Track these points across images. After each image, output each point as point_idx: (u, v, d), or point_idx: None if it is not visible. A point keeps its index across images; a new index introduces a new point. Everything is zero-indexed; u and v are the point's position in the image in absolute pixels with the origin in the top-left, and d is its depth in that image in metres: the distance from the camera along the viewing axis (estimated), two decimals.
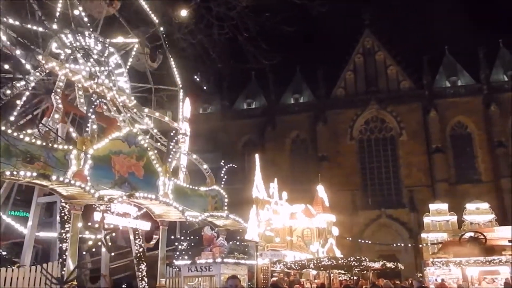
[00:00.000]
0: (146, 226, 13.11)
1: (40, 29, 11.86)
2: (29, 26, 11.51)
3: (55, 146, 10.06)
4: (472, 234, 23.00)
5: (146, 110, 14.41)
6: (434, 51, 46.46)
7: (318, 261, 18.33)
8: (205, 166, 15.37)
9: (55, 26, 12.23)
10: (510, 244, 21.57)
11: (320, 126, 44.89)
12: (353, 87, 47.20)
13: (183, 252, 13.57)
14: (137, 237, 12.99)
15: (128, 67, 14.71)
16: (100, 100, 11.92)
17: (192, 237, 14.30)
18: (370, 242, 38.65)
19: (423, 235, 32.00)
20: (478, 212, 29.68)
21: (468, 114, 43.08)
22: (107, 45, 13.60)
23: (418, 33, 53.50)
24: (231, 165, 17.10)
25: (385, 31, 47.90)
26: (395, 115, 44.38)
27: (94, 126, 11.15)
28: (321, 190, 27.27)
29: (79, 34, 12.91)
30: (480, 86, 43.35)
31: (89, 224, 10.71)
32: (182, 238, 14.17)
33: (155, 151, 12.89)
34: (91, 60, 12.62)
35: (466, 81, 45.18)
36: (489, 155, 41.27)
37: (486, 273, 21.57)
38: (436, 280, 20.87)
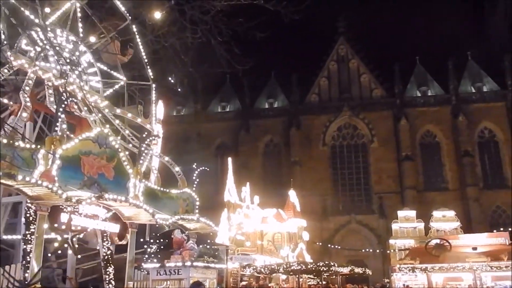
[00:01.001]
0: (115, 228, 12.90)
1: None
2: None
3: (22, 145, 9.80)
4: (438, 241, 23.58)
5: (118, 111, 14.19)
6: (406, 61, 47.53)
7: (288, 265, 18.44)
8: (177, 169, 15.22)
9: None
10: (474, 251, 22.22)
11: (293, 131, 45.25)
12: (327, 94, 47.81)
13: (152, 255, 13.39)
14: (105, 239, 12.75)
15: (99, 64, 14.42)
16: (70, 99, 11.70)
17: (161, 240, 14.13)
18: (339, 247, 39.16)
19: (391, 241, 32.57)
20: (444, 220, 30.40)
21: (437, 123, 44.23)
22: (79, 43, 13.35)
23: (391, 42, 54.51)
24: (203, 168, 16.98)
25: (359, 39, 48.78)
26: (367, 122, 45.16)
27: (64, 126, 10.92)
28: (292, 195, 27.48)
29: (50, 31, 12.64)
30: (449, 97, 44.59)
31: (56, 225, 10.43)
32: (152, 241, 13.98)
33: (127, 153, 12.71)
34: (62, 58, 12.36)
35: (436, 91, 46.40)
36: (456, 164, 42.43)
37: (450, 280, 22.17)
38: (403, 285, 21.29)
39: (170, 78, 19.94)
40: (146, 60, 15.01)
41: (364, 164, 44.50)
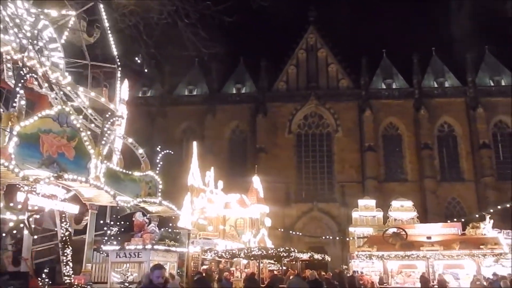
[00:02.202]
0: (74, 209, 12.64)
1: None
2: None
3: None
4: (395, 230, 24.28)
5: (81, 89, 13.77)
6: (372, 54, 48.33)
7: (249, 250, 18.62)
8: (140, 151, 15.01)
9: None
10: (428, 240, 23.07)
11: (260, 118, 45.33)
12: (294, 82, 48.05)
13: (112, 238, 13.20)
14: (63, 220, 12.47)
15: (63, 41, 13.93)
16: (30, 74, 11.26)
17: (122, 222, 13.92)
18: (300, 234, 39.81)
19: (351, 229, 33.36)
20: (402, 210, 31.32)
21: (399, 116, 45.29)
22: (41, 17, 12.82)
23: (359, 35, 55.32)
24: (167, 151, 16.82)
25: (329, 29, 49.19)
26: (332, 112, 45.74)
27: (23, 102, 10.52)
28: (256, 181, 27.60)
29: (10, 2, 12.08)
30: (412, 90, 45.69)
31: (11, 204, 10.12)
32: (112, 223, 13.76)
33: (88, 133, 12.41)
34: (22, 31, 11.86)
35: (400, 84, 47.43)
36: (415, 156, 43.68)
37: (405, 267, 22.98)
38: (357, 272, 21.88)
39: (136, 59, 19.52)
40: (112, 41, 14.60)
41: (328, 153, 45.17)
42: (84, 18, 14.35)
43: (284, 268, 23.03)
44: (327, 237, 39.69)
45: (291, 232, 39.05)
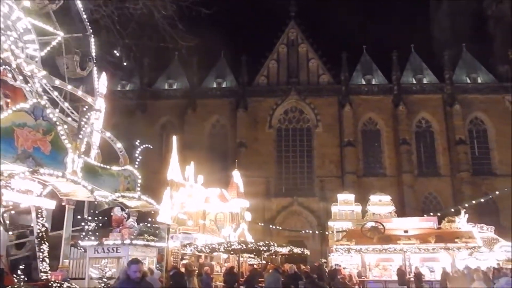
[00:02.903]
0: (50, 204, 12.44)
1: None
2: None
3: None
4: (373, 224, 24.63)
5: (57, 82, 13.49)
6: (353, 50, 48.71)
7: (229, 245, 18.63)
8: (119, 145, 14.79)
9: None
10: (405, 234, 23.47)
11: (240, 112, 45.27)
12: (275, 77, 48.09)
13: (90, 233, 13.04)
14: (39, 215, 12.26)
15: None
16: (4, 67, 10.99)
17: (100, 217, 13.76)
18: (280, 228, 40.05)
19: (330, 223, 33.66)
20: (381, 204, 31.69)
21: (378, 112, 45.81)
22: (14, 7, 12.51)
23: (340, 30, 55.66)
24: (147, 145, 16.63)
25: (310, 24, 49.41)
26: (313, 107, 45.97)
27: None
28: (236, 176, 27.61)
29: None
30: (391, 87, 46.23)
31: None
32: (90, 218, 13.58)
33: (65, 126, 12.19)
34: None
35: (380, 80, 47.94)
36: (394, 151, 44.28)
37: (382, 260, 23.35)
38: (335, 265, 22.15)
39: (115, 51, 19.22)
40: (85, 16, 14.29)
41: (308, 148, 45.44)
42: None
43: (264, 262, 23.16)
44: (307, 231, 40.01)
45: (271, 226, 39.24)
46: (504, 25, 48.32)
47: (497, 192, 34.13)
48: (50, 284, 11.05)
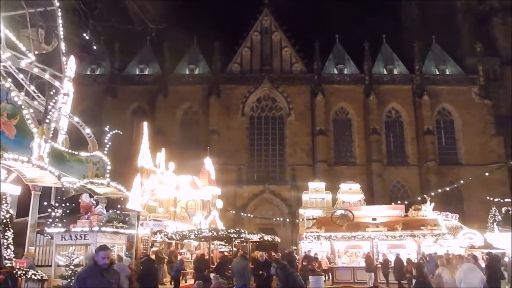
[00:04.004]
0: (15, 190, 12.11)
1: None
2: None
3: None
4: (342, 211, 24.96)
5: (23, 64, 13.04)
6: (326, 39, 48.92)
7: (199, 232, 18.58)
8: (87, 131, 14.48)
9: None
10: (373, 222, 23.93)
11: (213, 99, 44.96)
12: (248, 64, 47.89)
13: (57, 220, 12.76)
14: (4, 201, 11.90)
15: None
16: None
17: (68, 204, 13.48)
18: (252, 215, 40.25)
19: (301, 211, 34.06)
20: (350, 192, 32.25)
21: (350, 101, 46.31)
22: None
23: (313, 19, 55.73)
24: (116, 131, 16.34)
25: (284, 13, 49.25)
26: (285, 95, 46.08)
27: None
28: (208, 163, 27.52)
29: None
30: (362, 77, 46.77)
31: None
32: (57, 204, 13.28)
33: (31, 110, 11.82)
34: None
35: (351, 70, 48.41)
36: (364, 141, 44.94)
37: (351, 247, 23.77)
38: (305, 252, 22.43)
39: (84, 34, 18.69)
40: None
41: (280, 136, 45.62)
42: None
43: (235, 249, 23.24)
44: (278, 219, 40.35)
45: (242, 214, 39.40)
46: (472, 18, 49.49)
47: (461, 181, 35.17)
48: (14, 271, 10.79)
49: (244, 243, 24.01)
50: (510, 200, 27.85)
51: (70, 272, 10.90)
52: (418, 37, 48.24)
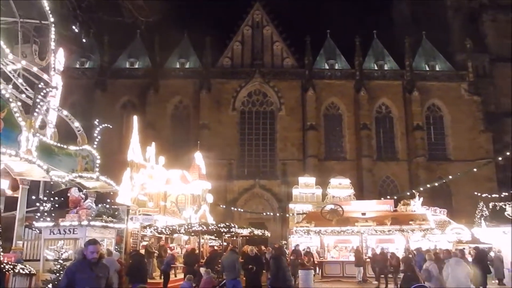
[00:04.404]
0: (3, 184, 11.98)
1: None
2: None
3: None
4: (332, 206, 25.10)
5: (10, 56, 12.87)
6: (317, 34, 48.91)
7: (189, 226, 18.54)
8: (76, 124, 14.32)
9: None
10: (362, 216, 24.09)
11: (203, 94, 44.83)
12: (239, 59, 47.79)
13: (46, 214, 12.66)
14: None
15: None
16: None
17: (56, 198, 13.36)
18: (242, 210, 40.33)
19: (291, 205, 34.19)
20: (340, 187, 32.42)
21: (341, 96, 46.46)
22: None
23: (304, 14, 55.69)
24: (106, 125, 16.20)
25: (275, 7, 49.12)
26: (276, 90, 46.08)
27: None
28: (199, 157, 27.43)
29: None
30: (353, 72, 46.92)
31: None
32: (46, 198, 13.16)
33: (19, 103, 11.68)
34: None
35: (342, 65, 48.52)
36: (354, 136, 45.17)
37: (340, 242, 23.94)
38: (295, 246, 22.53)
39: (73, 27, 18.48)
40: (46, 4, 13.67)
41: (271, 131, 45.66)
42: None
43: (225, 243, 23.26)
44: (268, 213, 40.46)
45: (232, 208, 39.44)
46: (462, 15, 49.82)
47: (450, 177, 35.51)
48: (2, 266, 10.69)
49: (234, 238, 24.03)
50: (497, 195, 28.16)
51: (58, 266, 10.82)
52: (409, 33, 48.45)
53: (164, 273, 16.85)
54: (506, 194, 26.68)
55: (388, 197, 33.13)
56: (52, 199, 13.13)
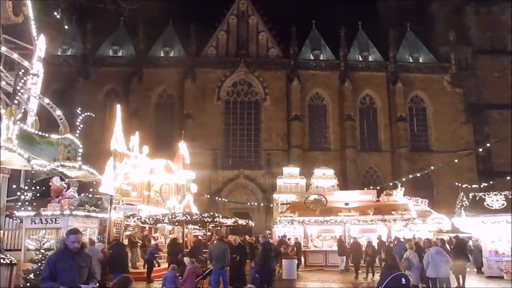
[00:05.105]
0: None
1: None
2: None
3: None
4: (315, 196, 25.30)
5: None
6: (302, 24, 48.84)
7: (173, 216, 18.53)
8: (58, 112, 14.07)
9: None
10: (346, 206, 24.36)
11: (188, 83, 44.50)
12: (224, 48, 47.49)
13: (27, 203, 12.50)
14: None
15: None
16: None
17: (38, 187, 13.19)
18: (226, 200, 40.37)
19: (275, 195, 34.33)
20: (324, 177, 32.67)
21: (325, 87, 46.59)
22: None
23: (290, 4, 55.49)
24: (89, 113, 15.96)
25: None
26: (261, 80, 45.97)
27: None
28: (183, 147, 27.35)
29: None
30: (338, 63, 47.05)
31: None
32: (27, 187, 12.98)
33: None
34: None
35: (327, 56, 48.61)
36: (338, 127, 45.42)
37: (324, 231, 24.19)
38: (279, 236, 22.70)
39: (55, 13, 18.10)
40: None
41: (256, 121, 45.63)
42: None
43: (209, 233, 23.31)
44: (252, 203, 40.59)
45: (217, 198, 39.46)
46: (445, 7, 50.24)
47: (432, 168, 36.04)
48: None
49: (218, 227, 24.12)
50: (477, 186, 28.69)
51: (40, 256, 10.72)
52: (394, 25, 48.74)
53: (148, 262, 16.84)
54: (486, 184, 27.23)
55: (371, 187, 33.54)
56: (33, 188, 12.96)
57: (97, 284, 6.07)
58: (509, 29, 48.86)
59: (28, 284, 10.14)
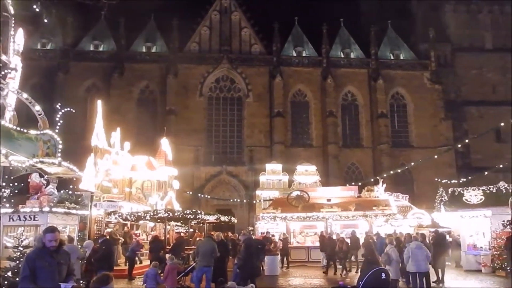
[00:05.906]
0: None
1: None
2: None
3: None
4: (298, 192, 25.44)
5: None
6: (285, 21, 48.83)
7: (155, 213, 18.40)
8: (37, 108, 13.79)
9: None
10: (328, 202, 24.54)
11: (170, 79, 44.14)
12: (207, 44, 47.24)
13: (5, 200, 12.25)
14: None
15: None
16: None
17: (16, 183, 12.93)
18: (209, 196, 40.29)
19: (258, 192, 34.36)
20: (307, 174, 32.79)
21: (308, 84, 46.76)
22: None
23: (273, 1, 55.36)
24: (69, 109, 15.71)
25: None
26: (244, 76, 45.90)
27: None
28: (165, 144, 27.17)
29: None
30: (320, 59, 47.26)
31: None
32: (4, 184, 12.73)
33: None
34: None
35: (310, 53, 48.75)
36: (321, 123, 45.66)
37: (306, 227, 24.35)
38: (262, 233, 22.76)
39: (34, 7, 17.73)
40: None
41: (238, 118, 45.56)
42: None
43: (191, 230, 23.24)
44: (235, 200, 40.58)
45: (199, 195, 39.33)
46: (425, 5, 50.85)
47: (412, 163, 36.51)
48: None
49: (201, 224, 24.04)
50: (456, 181, 29.22)
51: (18, 253, 10.54)
52: (375, 22, 49.09)
53: (129, 259, 16.71)
54: (465, 179, 27.72)
55: (353, 183, 33.82)
56: (11, 184, 12.71)
57: (76, 283, 5.99)
58: (487, 27, 49.76)
59: (5, 282, 9.96)
